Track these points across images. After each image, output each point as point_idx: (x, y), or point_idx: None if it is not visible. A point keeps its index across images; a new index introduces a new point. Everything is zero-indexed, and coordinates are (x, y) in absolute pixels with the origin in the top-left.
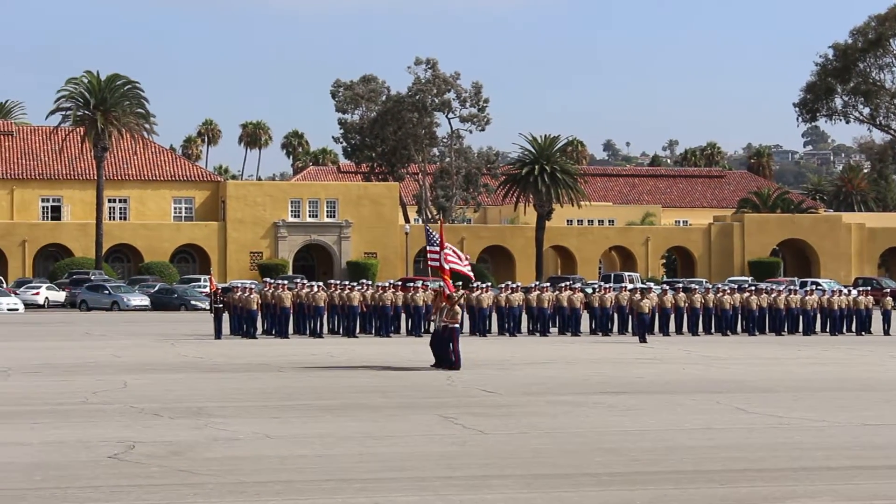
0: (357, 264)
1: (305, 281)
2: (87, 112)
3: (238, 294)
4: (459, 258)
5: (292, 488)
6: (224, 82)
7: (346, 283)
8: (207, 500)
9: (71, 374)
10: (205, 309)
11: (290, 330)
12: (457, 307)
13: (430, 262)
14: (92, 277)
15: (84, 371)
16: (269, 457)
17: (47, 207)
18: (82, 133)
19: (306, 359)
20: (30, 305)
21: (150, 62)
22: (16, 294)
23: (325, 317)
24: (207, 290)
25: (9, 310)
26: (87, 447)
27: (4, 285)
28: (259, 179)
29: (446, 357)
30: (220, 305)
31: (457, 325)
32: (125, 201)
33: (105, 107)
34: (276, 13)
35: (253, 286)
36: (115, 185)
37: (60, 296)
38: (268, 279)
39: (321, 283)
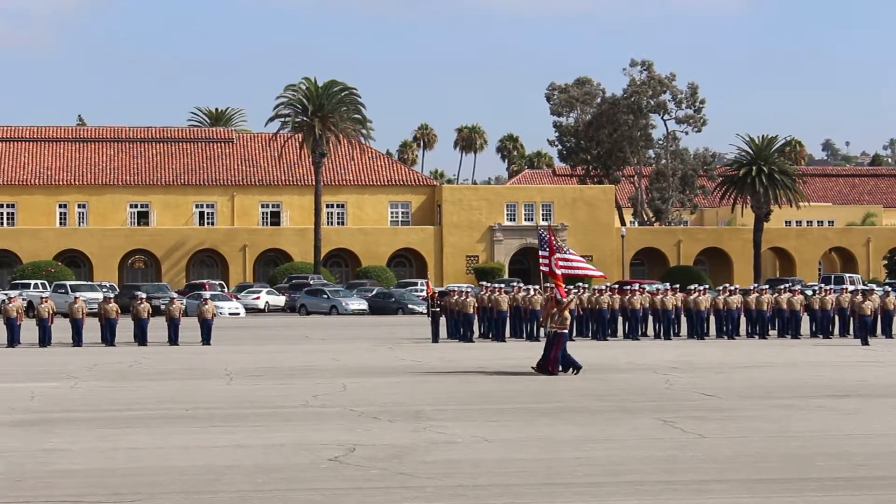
0: None
1: (522, 284)
2: (305, 118)
3: (455, 297)
4: (577, 259)
5: (511, 492)
6: (440, 87)
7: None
8: (427, 502)
9: (291, 378)
10: (422, 313)
11: (507, 333)
12: (566, 313)
13: (541, 268)
14: (311, 282)
15: (304, 374)
16: (487, 460)
17: (267, 213)
18: (300, 139)
19: (522, 362)
20: (250, 310)
21: (367, 68)
22: (237, 298)
23: (541, 319)
24: (424, 293)
25: (230, 314)
26: (308, 450)
27: (226, 290)
28: (474, 183)
29: (570, 359)
30: (437, 309)
31: (565, 331)
32: (343, 206)
33: (323, 113)
34: (492, 17)
35: (469, 290)
36: (332, 190)
37: (280, 300)
38: (484, 282)
39: (537, 287)
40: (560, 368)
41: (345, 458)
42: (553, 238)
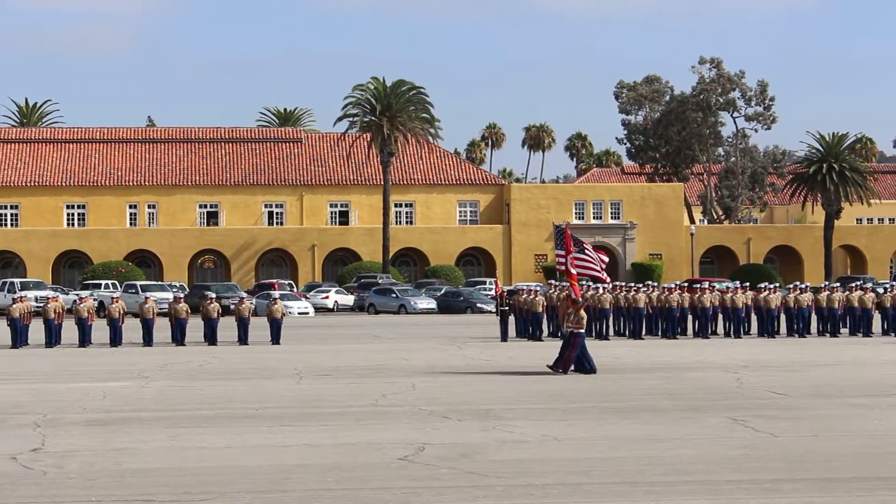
0: (642, 266)
1: (591, 283)
2: (373, 118)
3: (524, 296)
4: (591, 260)
5: (580, 491)
6: (507, 86)
7: (632, 284)
8: (497, 501)
9: (360, 377)
10: (491, 311)
11: None
12: (582, 312)
13: (557, 267)
14: (379, 281)
15: (373, 374)
16: (556, 459)
17: (335, 212)
18: (369, 139)
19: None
20: (319, 309)
21: (435, 68)
22: (306, 298)
23: (611, 319)
24: (493, 292)
25: (299, 313)
26: (378, 449)
27: (295, 289)
28: (543, 182)
29: (583, 363)
30: (506, 308)
31: (582, 331)
32: (411, 205)
33: (391, 112)
34: (560, 16)
35: (538, 288)
36: (401, 189)
37: (349, 299)
38: (553, 281)
39: (607, 286)
40: (572, 368)
41: (414, 458)
42: (570, 236)
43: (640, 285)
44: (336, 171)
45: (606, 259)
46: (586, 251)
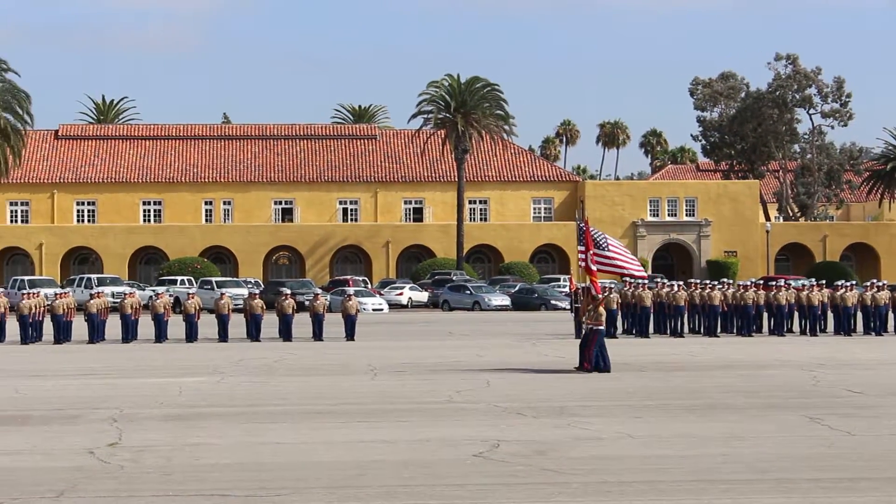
0: (717, 263)
1: (666, 280)
2: (447, 115)
3: None
4: (618, 256)
5: (656, 488)
6: (582, 82)
7: (707, 282)
8: (572, 499)
9: (435, 374)
10: (565, 308)
11: (651, 329)
12: (601, 309)
13: (579, 262)
14: (453, 278)
15: (447, 370)
16: (632, 456)
17: (409, 209)
18: (443, 136)
19: (667, 358)
20: (394, 305)
21: (509, 65)
22: (380, 294)
23: (686, 316)
24: (567, 289)
25: (374, 310)
26: (453, 445)
27: (369, 286)
28: (617, 179)
29: (599, 360)
30: (580, 305)
31: (601, 328)
32: (485, 202)
33: (465, 109)
34: (634, 12)
35: (613, 286)
36: (475, 186)
37: (423, 296)
38: (627, 279)
39: (681, 283)
40: (592, 367)
41: (489, 454)
42: (590, 233)
43: (716, 283)
44: (410, 168)
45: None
46: (612, 248)
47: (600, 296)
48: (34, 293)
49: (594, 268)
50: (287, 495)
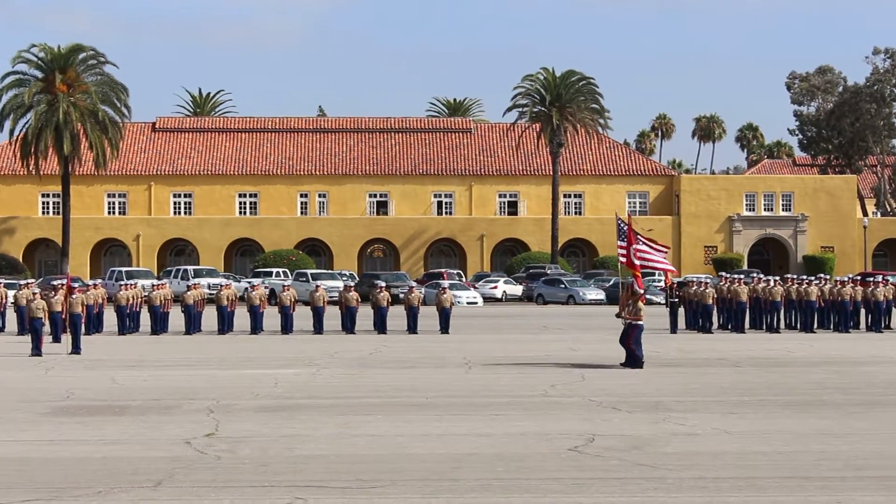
0: (813, 258)
1: (762, 275)
2: (542, 108)
3: (693, 288)
4: (653, 252)
5: (753, 485)
6: (678, 76)
7: (804, 277)
8: (667, 494)
9: (529, 367)
10: (660, 303)
11: (747, 325)
12: (641, 304)
13: (619, 258)
14: (548, 271)
15: (542, 364)
16: (728, 452)
17: (504, 203)
18: (538, 129)
19: (763, 354)
20: (488, 299)
21: (605, 58)
22: (475, 288)
23: (782, 312)
24: (663, 284)
25: (468, 303)
26: (548, 439)
27: (464, 279)
28: (713, 173)
29: (631, 354)
30: (676, 300)
31: (640, 323)
32: (580, 196)
33: (561, 103)
34: (730, 5)
35: (708, 280)
36: (569, 180)
37: (517, 290)
38: (723, 273)
39: (777, 278)
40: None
41: (584, 448)
42: (632, 228)
43: (812, 278)
44: (505, 161)
45: (665, 249)
46: (645, 242)
47: (640, 291)
48: (131, 284)
49: (637, 262)
50: (383, 487)
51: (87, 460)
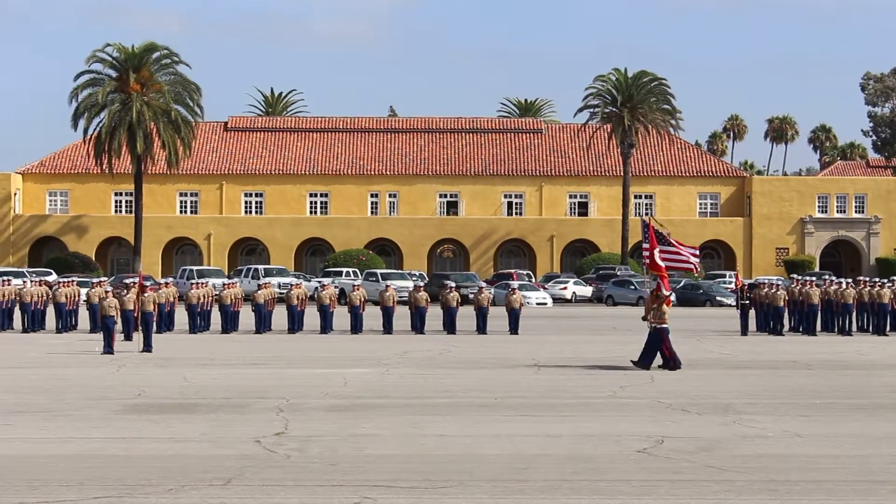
0: (886, 261)
1: (834, 277)
2: (614, 109)
3: (765, 290)
4: (679, 253)
5: (823, 488)
6: (750, 77)
7: (876, 280)
8: (738, 497)
9: (598, 369)
10: (731, 305)
11: (818, 327)
12: (665, 307)
13: (644, 260)
14: (618, 273)
15: (611, 365)
16: (798, 455)
17: (574, 203)
18: (609, 130)
19: (835, 356)
20: (557, 300)
21: (676, 59)
22: (544, 288)
23: (854, 314)
24: (733, 286)
25: (538, 304)
26: (616, 441)
27: (533, 280)
28: (785, 174)
29: (665, 357)
30: (747, 301)
31: (665, 326)
32: (651, 197)
33: (632, 103)
34: (803, 6)
35: (779, 282)
36: (640, 180)
37: (587, 290)
38: (795, 275)
39: (850, 280)
40: (647, 363)
41: (653, 450)
42: (654, 230)
43: (885, 280)
44: (575, 162)
45: (695, 251)
46: (671, 242)
47: (666, 293)
48: (202, 283)
49: (663, 264)
50: (451, 487)
51: (158, 458)
